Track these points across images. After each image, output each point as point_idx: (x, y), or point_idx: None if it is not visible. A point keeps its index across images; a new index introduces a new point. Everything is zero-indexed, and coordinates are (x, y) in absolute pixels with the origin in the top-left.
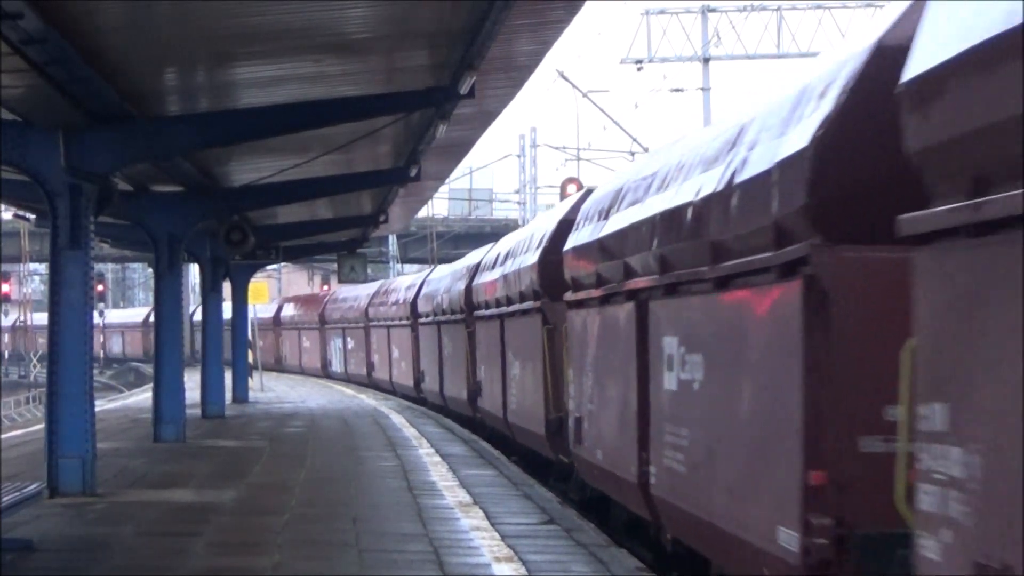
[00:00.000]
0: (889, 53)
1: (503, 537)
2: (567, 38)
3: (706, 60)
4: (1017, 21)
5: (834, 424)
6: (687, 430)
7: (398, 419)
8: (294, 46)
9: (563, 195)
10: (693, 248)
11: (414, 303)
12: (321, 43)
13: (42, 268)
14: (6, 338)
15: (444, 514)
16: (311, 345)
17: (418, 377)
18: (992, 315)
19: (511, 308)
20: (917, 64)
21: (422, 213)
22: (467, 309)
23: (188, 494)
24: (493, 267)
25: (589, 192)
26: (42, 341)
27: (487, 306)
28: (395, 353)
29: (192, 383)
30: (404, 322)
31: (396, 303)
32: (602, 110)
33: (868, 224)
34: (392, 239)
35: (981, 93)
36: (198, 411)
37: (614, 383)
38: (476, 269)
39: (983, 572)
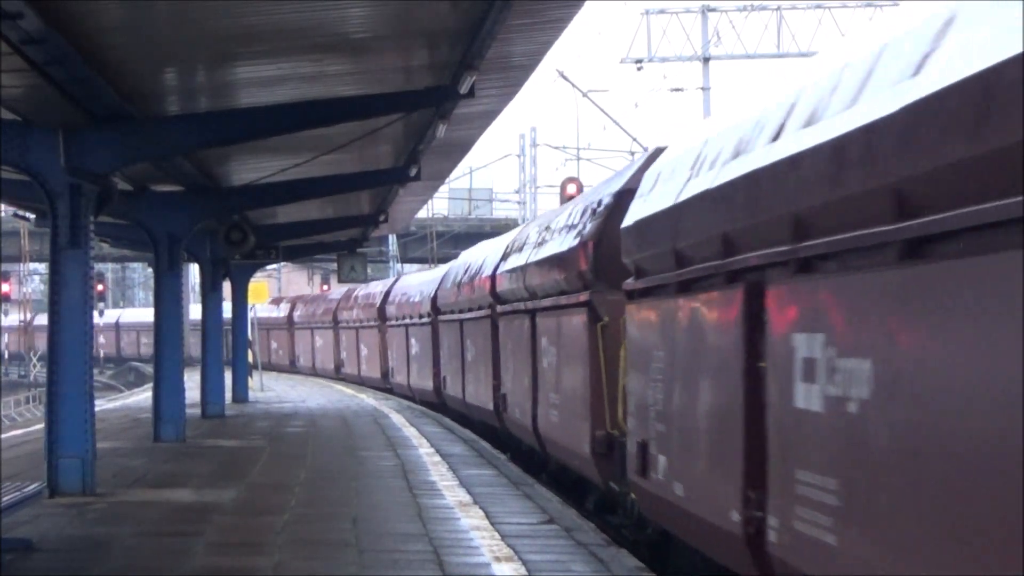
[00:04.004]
0: None
1: (503, 537)
2: (567, 38)
3: (706, 60)
4: None
5: None
6: (845, 474)
7: (398, 419)
8: (294, 46)
9: (563, 195)
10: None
11: (433, 299)
12: (321, 43)
13: (42, 268)
14: (6, 337)
15: (444, 514)
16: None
17: (438, 384)
18: None
19: (546, 302)
20: None
21: (422, 213)
22: (493, 303)
23: (188, 494)
24: (522, 251)
25: (658, 153)
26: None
27: (514, 299)
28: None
29: (192, 383)
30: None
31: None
32: (602, 110)
33: None
34: (392, 239)
35: None
36: (198, 411)
37: (706, 397)
38: (502, 257)
39: None
